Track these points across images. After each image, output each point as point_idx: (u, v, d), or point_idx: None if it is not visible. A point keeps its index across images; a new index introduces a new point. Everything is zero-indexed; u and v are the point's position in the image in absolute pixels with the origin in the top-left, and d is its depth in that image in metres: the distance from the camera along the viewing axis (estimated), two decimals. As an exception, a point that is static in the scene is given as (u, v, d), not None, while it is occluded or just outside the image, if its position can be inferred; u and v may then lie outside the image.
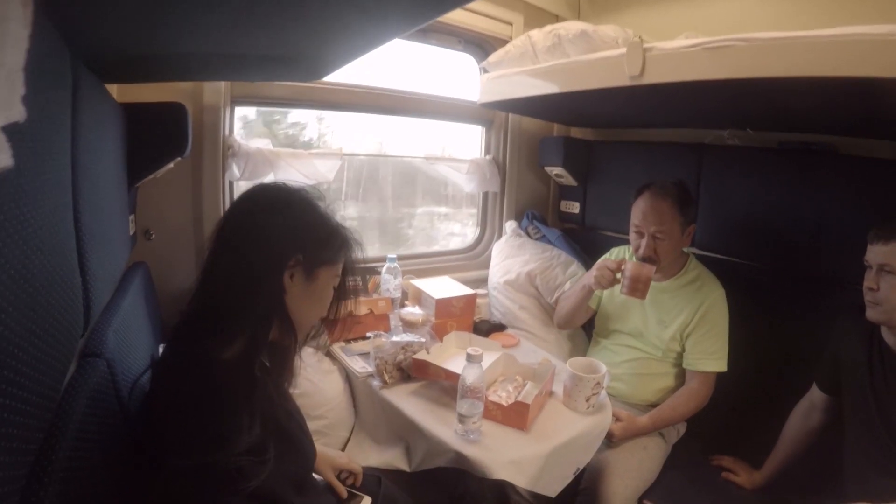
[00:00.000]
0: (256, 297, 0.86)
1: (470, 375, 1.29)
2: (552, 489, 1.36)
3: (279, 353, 0.98)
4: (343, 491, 1.26)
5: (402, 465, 1.43)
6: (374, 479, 1.33)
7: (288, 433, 0.96)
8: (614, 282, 1.77)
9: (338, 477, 1.28)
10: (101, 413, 0.81)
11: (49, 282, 0.61)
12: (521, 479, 1.26)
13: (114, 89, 1.44)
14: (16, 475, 0.51)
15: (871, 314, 1.30)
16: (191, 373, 0.80)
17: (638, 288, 1.70)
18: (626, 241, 1.89)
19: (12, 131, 0.40)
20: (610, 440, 1.62)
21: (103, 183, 1.00)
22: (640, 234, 1.76)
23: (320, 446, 1.27)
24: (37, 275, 0.57)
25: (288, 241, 0.89)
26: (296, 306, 0.91)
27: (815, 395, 1.54)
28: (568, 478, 1.40)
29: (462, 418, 1.30)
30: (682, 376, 1.81)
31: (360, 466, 1.35)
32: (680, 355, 1.79)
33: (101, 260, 0.91)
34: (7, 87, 0.41)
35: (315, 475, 1.24)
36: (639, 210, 1.77)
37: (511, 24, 2.32)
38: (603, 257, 2.07)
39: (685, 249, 1.87)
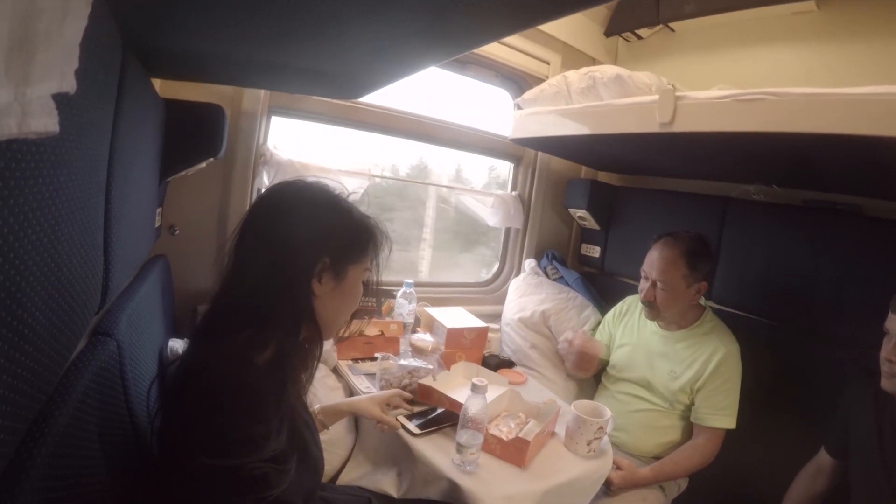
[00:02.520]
0: (285, 304, 0.86)
1: (473, 406, 1.28)
2: None
3: (300, 358, 0.95)
4: (396, 424, 1.37)
5: (392, 490, 1.40)
6: (365, 500, 1.32)
7: (304, 445, 0.93)
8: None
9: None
10: (104, 390, 0.82)
11: (73, 253, 0.62)
12: None
13: (157, 84, 1.49)
14: (15, 429, 0.51)
15: (887, 385, 1.27)
16: (227, 373, 0.78)
17: (581, 364, 1.76)
18: (644, 289, 1.87)
19: (60, 100, 0.41)
20: (609, 488, 1.59)
21: (136, 171, 1.02)
22: (646, 279, 1.77)
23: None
24: (63, 243, 0.58)
25: (314, 246, 0.88)
26: (324, 308, 0.91)
27: (822, 459, 1.50)
28: None
29: (460, 448, 1.29)
30: (688, 431, 1.77)
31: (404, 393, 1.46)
32: (688, 408, 1.75)
33: (125, 244, 0.93)
34: (63, 57, 0.42)
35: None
36: (649, 255, 1.78)
37: (548, 63, 2.37)
38: (614, 308, 2.10)
39: (702, 300, 1.85)
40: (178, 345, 1.32)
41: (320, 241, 0.89)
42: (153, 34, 0.94)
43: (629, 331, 1.97)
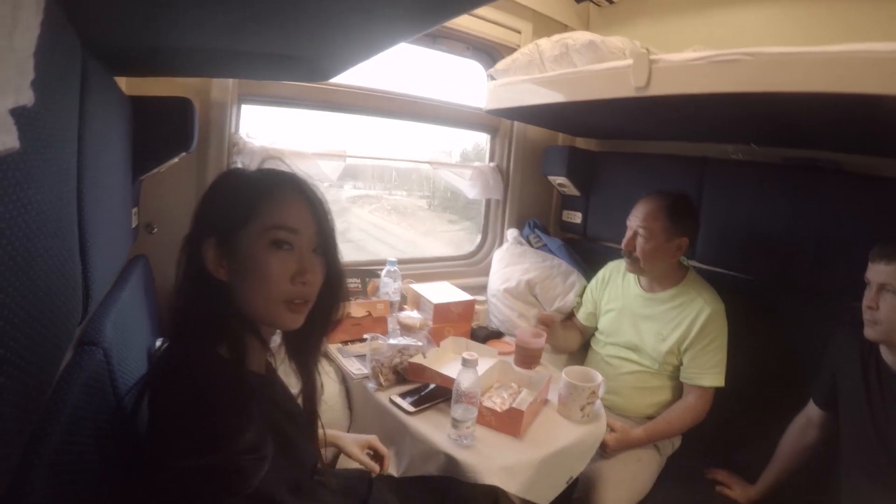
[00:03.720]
0: (201, 299, 0.82)
1: (465, 380, 1.29)
2: (544, 497, 1.35)
3: (252, 349, 0.89)
4: (374, 467, 1.29)
5: (391, 469, 1.41)
6: (365, 482, 1.32)
7: (286, 436, 0.89)
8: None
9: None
10: (95, 402, 0.81)
11: (50, 267, 0.61)
12: (512, 486, 1.26)
13: (122, 82, 1.45)
14: (9, 454, 0.51)
15: (870, 333, 1.29)
16: (195, 371, 0.76)
17: (524, 358, 1.73)
18: (627, 253, 1.89)
19: (20, 115, 0.40)
20: (604, 451, 1.62)
21: (108, 174, 1.00)
22: (629, 229, 1.81)
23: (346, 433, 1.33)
24: (38, 259, 0.57)
25: (198, 231, 0.83)
26: (240, 290, 0.83)
27: (811, 411, 1.53)
28: (560, 487, 1.40)
29: (456, 423, 1.30)
30: (678, 390, 1.81)
31: (386, 451, 1.36)
32: (677, 369, 1.78)
33: (103, 250, 0.91)
34: (17, 70, 0.41)
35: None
36: (635, 208, 1.82)
37: (520, 32, 2.33)
38: (596, 276, 2.12)
39: (683, 261, 1.87)
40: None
41: (204, 224, 0.84)
42: (113, 33, 0.90)
43: (614, 296, 1.99)
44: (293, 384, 1.03)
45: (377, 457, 1.34)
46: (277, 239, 0.82)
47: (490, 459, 1.27)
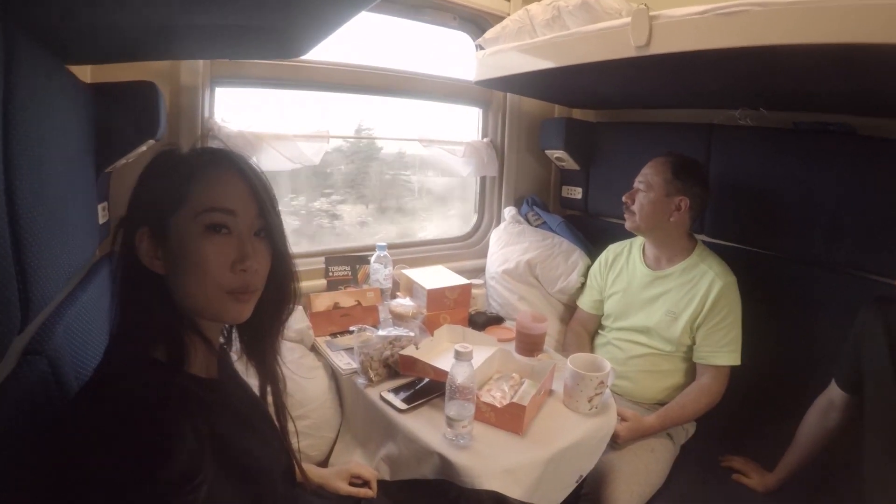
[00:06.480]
0: (139, 293, 0.74)
1: (459, 375, 1.19)
2: (552, 500, 1.27)
3: (193, 348, 0.78)
4: (365, 492, 1.23)
5: (384, 471, 1.33)
6: (359, 486, 1.25)
7: (240, 448, 0.77)
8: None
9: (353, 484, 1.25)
10: (36, 416, 0.73)
11: None
12: (515, 490, 1.16)
13: (86, 71, 1.37)
14: None
15: None
16: (118, 383, 0.66)
17: (525, 345, 1.66)
18: (631, 230, 1.80)
19: None
20: (615, 442, 1.53)
21: (53, 167, 0.89)
22: (634, 187, 1.76)
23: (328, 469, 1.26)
24: None
25: (132, 221, 0.75)
26: (178, 284, 0.74)
27: (833, 394, 1.42)
28: (570, 486, 1.31)
29: (451, 422, 1.21)
30: (692, 372, 1.72)
31: (373, 472, 1.29)
32: (690, 349, 1.69)
33: (50, 249, 0.81)
34: None
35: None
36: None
37: (509, 1, 2.21)
38: (598, 260, 2.04)
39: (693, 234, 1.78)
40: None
41: (136, 211, 0.76)
42: (49, 13, 0.80)
43: (620, 278, 1.90)
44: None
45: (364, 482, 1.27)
46: (212, 223, 0.74)
47: (490, 461, 1.17)
